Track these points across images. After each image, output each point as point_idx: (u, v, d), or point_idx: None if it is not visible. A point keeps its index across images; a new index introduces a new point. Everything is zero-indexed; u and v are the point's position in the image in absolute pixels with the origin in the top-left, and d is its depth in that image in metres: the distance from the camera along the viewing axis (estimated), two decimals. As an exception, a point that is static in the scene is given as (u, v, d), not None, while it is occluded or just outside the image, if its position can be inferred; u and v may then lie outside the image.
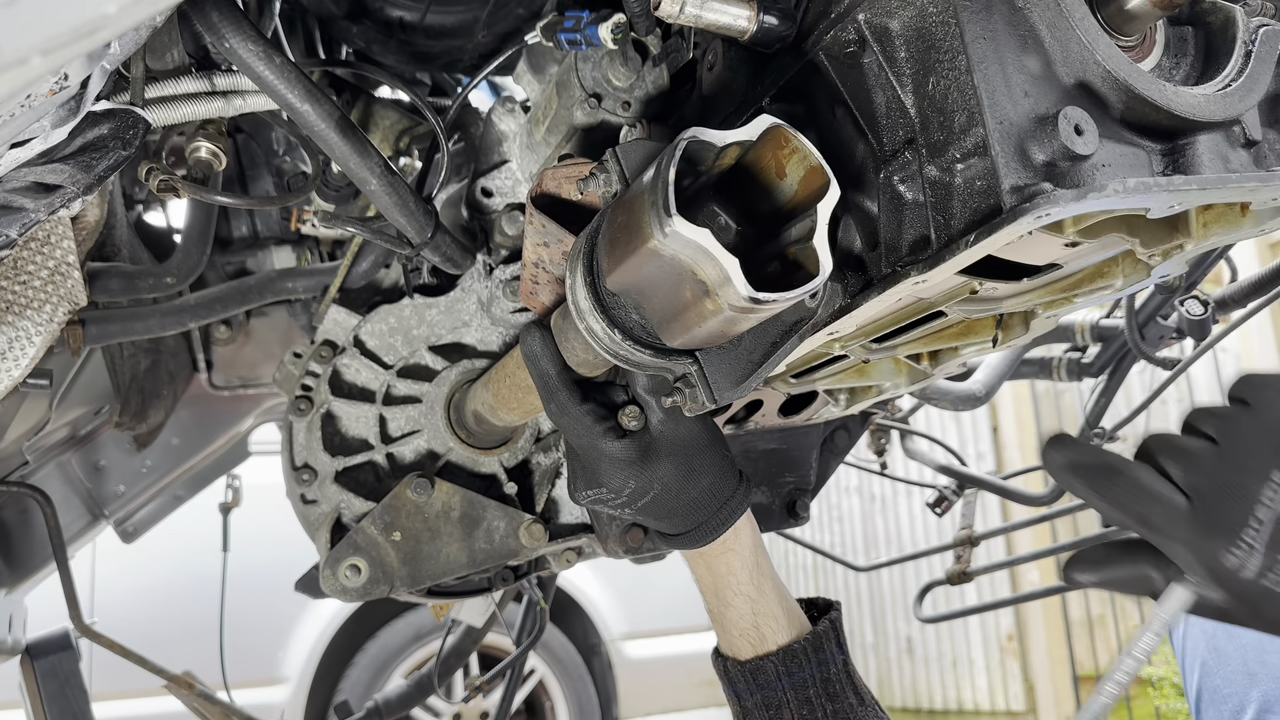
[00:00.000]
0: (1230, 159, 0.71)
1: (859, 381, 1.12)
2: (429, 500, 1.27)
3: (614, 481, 0.93)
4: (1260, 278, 1.87)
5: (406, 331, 1.36)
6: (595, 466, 0.93)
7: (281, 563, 2.81)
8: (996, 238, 0.64)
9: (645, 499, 0.93)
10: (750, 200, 0.72)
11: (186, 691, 2.19)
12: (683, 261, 0.62)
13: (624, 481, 0.92)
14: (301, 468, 1.30)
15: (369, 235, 1.24)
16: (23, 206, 0.98)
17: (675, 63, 1.09)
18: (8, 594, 2.18)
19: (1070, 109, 0.65)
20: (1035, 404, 6.29)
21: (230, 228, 2.06)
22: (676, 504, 0.94)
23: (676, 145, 0.63)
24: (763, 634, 1.01)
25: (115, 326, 1.57)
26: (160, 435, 2.22)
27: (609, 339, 0.76)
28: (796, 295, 0.63)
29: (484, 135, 1.36)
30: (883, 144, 0.76)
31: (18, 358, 1.36)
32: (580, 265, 0.76)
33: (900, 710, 7.34)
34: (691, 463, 0.93)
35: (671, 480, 0.92)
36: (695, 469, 0.93)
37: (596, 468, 0.93)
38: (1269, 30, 0.72)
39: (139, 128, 1.04)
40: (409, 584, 1.25)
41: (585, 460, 0.94)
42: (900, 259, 0.75)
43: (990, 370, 2.20)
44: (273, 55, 0.94)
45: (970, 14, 0.67)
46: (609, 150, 0.77)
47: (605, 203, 0.77)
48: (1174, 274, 0.81)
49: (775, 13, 0.80)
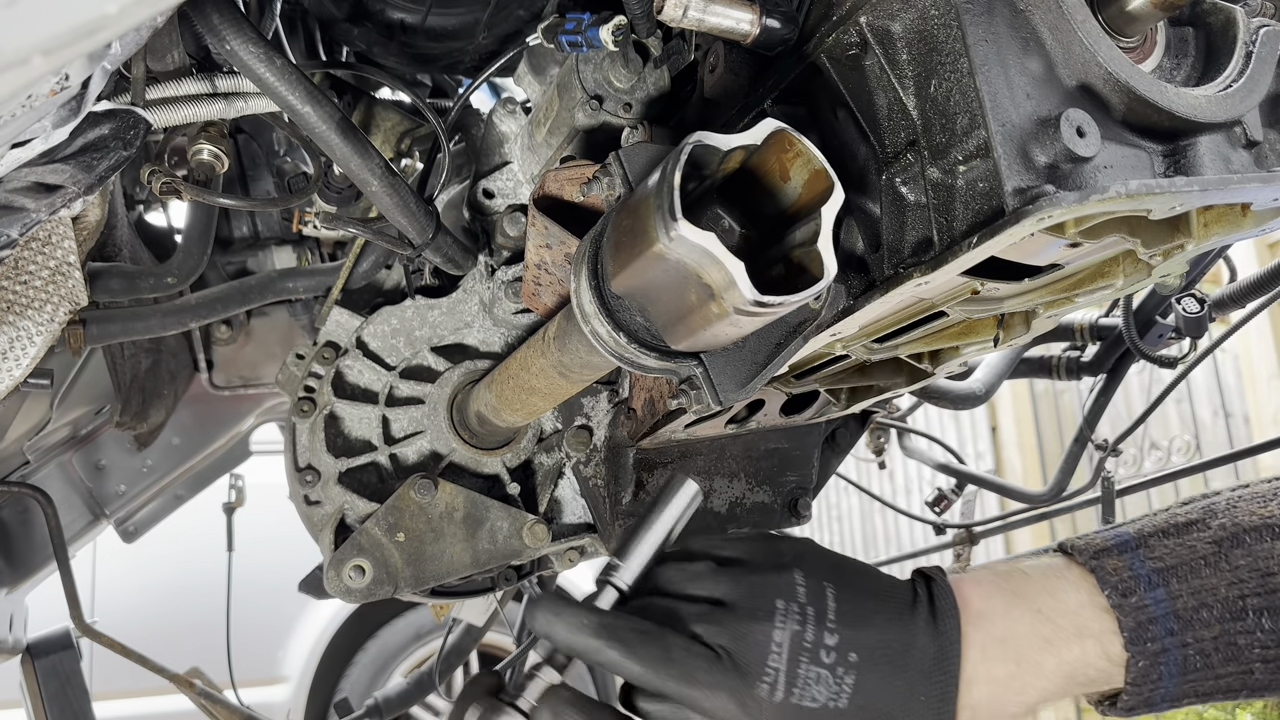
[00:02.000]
0: (1231, 160, 0.71)
1: (860, 381, 1.13)
2: (432, 501, 1.27)
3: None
4: (1259, 278, 1.87)
5: (409, 333, 1.37)
6: None
7: (282, 562, 2.82)
8: (999, 239, 0.64)
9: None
10: (754, 203, 0.72)
11: (189, 690, 2.20)
12: (688, 265, 0.62)
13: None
14: (305, 469, 1.30)
15: (370, 236, 1.25)
16: (24, 206, 0.98)
17: (677, 65, 1.09)
18: (8, 593, 2.18)
19: (1072, 111, 0.65)
20: (1034, 403, 6.29)
21: (231, 228, 2.06)
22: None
23: (682, 149, 0.63)
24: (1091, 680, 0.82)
25: (116, 326, 1.57)
26: (161, 435, 2.22)
27: (614, 342, 0.76)
28: (801, 298, 0.63)
29: (485, 137, 1.36)
30: (885, 146, 0.76)
31: (19, 357, 1.36)
32: (585, 268, 0.76)
33: (899, 708, 7.34)
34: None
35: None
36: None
37: None
38: (1269, 31, 0.73)
39: (140, 128, 1.05)
40: (413, 585, 1.25)
41: None
42: (903, 260, 0.75)
43: (990, 369, 2.20)
44: (273, 57, 0.94)
45: (972, 16, 0.67)
46: (611, 154, 0.77)
47: (609, 206, 0.78)
48: (1175, 274, 0.81)
49: (777, 15, 0.80)
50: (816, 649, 0.74)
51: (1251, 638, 0.77)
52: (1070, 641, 0.78)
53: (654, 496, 0.82)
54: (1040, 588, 0.81)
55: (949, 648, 0.76)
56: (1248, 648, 0.77)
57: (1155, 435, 5.37)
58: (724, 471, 1.36)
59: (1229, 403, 5.28)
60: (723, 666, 0.73)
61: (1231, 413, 5.27)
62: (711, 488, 1.36)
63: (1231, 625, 0.77)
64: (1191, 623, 0.78)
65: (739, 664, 0.73)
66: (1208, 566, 0.79)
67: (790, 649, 0.73)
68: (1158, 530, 0.83)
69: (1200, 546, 0.80)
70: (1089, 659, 0.78)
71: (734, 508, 1.37)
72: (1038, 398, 6.27)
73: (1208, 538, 0.81)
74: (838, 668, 0.74)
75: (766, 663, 0.73)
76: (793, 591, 0.76)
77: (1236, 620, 0.77)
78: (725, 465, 1.36)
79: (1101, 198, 0.61)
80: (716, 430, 1.24)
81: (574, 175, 0.85)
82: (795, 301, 0.63)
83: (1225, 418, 5.28)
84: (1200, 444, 5.29)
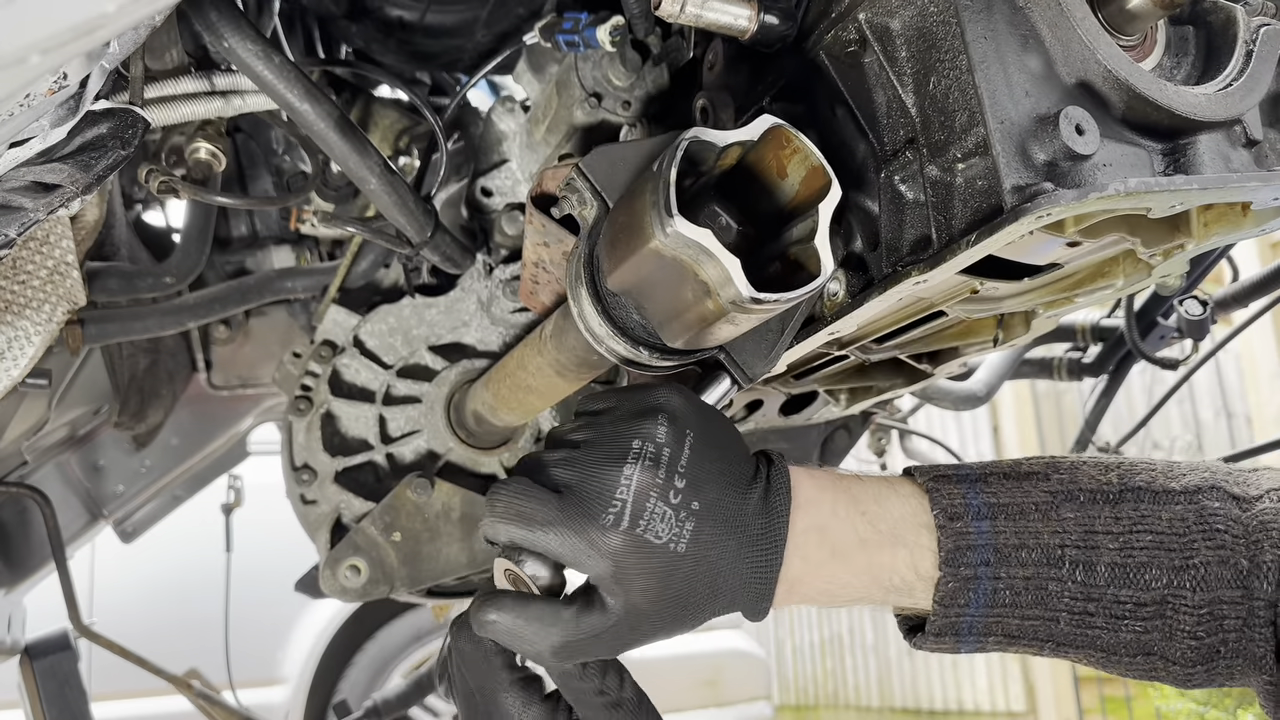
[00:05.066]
0: (1231, 159, 0.71)
1: (860, 382, 1.12)
2: (429, 500, 1.27)
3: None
4: (1261, 278, 1.87)
5: (406, 331, 1.36)
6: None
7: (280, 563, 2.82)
8: (998, 237, 0.64)
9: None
10: (751, 200, 0.72)
11: (187, 691, 2.19)
12: (684, 262, 0.62)
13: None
14: (301, 468, 1.30)
15: (368, 235, 1.24)
16: (22, 206, 0.98)
17: (676, 62, 1.09)
18: (7, 594, 2.18)
19: (1071, 109, 0.64)
20: (1036, 404, 6.29)
21: (229, 227, 2.05)
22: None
23: (678, 145, 0.63)
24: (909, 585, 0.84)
25: (114, 326, 1.57)
26: (159, 435, 2.22)
27: (610, 339, 0.76)
28: (798, 296, 0.63)
29: (484, 135, 1.36)
30: (884, 144, 0.76)
31: (16, 357, 1.35)
32: (581, 265, 0.76)
33: (900, 710, 7.35)
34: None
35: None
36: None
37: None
38: (1270, 30, 0.72)
39: (138, 127, 1.04)
40: (409, 584, 1.25)
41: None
42: (901, 259, 0.75)
43: (991, 370, 2.19)
44: (271, 54, 0.93)
45: (971, 13, 0.67)
46: (572, 166, 0.77)
47: (583, 221, 0.77)
48: (1175, 274, 0.81)
49: (776, 12, 0.80)
50: (666, 490, 0.75)
51: (1063, 586, 0.80)
52: (884, 546, 0.81)
53: (689, 387, 0.82)
54: (870, 494, 0.84)
55: (777, 521, 0.79)
56: (1058, 595, 0.80)
57: (1157, 435, 5.37)
58: (723, 472, 1.35)
59: (1231, 403, 5.27)
60: (563, 503, 0.75)
61: (1233, 413, 5.26)
62: (710, 488, 1.35)
63: (1046, 570, 0.80)
64: (1008, 559, 0.80)
65: (582, 499, 0.74)
66: (1037, 512, 0.82)
67: (639, 484, 0.74)
68: (999, 473, 0.85)
69: (1035, 494, 0.83)
70: (897, 567, 0.81)
71: (733, 508, 1.36)
72: (1040, 399, 6.27)
73: (1045, 488, 0.83)
74: (681, 511, 0.75)
75: (614, 495, 0.74)
76: (653, 434, 0.77)
77: (1053, 567, 0.80)
78: (724, 465, 1.35)
79: (1101, 195, 0.61)
80: (715, 430, 1.24)
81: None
82: (791, 299, 0.63)
83: (1227, 418, 5.28)
84: (1202, 444, 5.29)
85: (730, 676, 4.69)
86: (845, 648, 7.97)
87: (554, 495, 0.75)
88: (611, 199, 0.75)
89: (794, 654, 8.57)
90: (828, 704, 8.11)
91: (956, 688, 6.84)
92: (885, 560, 0.81)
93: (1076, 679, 6.00)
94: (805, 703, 8.39)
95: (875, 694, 7.61)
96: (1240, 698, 3.37)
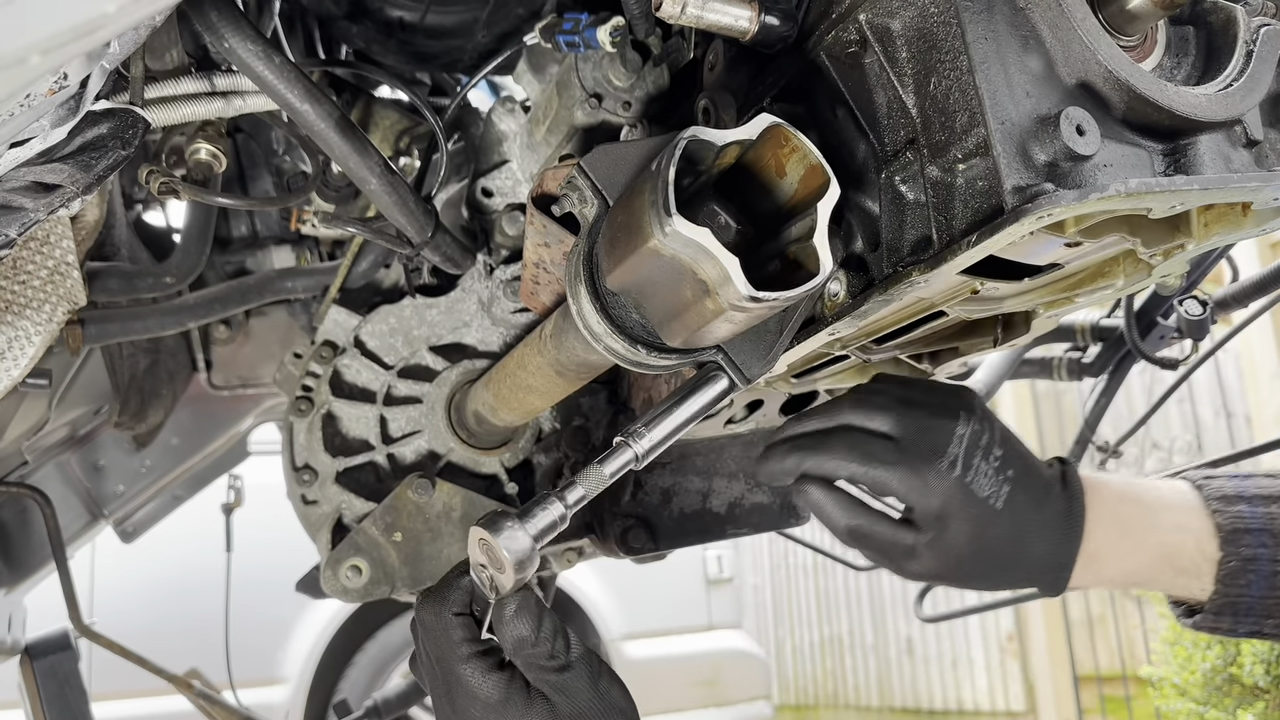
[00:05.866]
0: (1232, 159, 0.71)
1: (860, 381, 1.12)
2: (430, 501, 1.27)
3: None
4: (1261, 278, 1.87)
5: (407, 332, 1.36)
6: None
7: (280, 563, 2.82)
8: (998, 238, 0.64)
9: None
10: (750, 199, 0.72)
11: (187, 691, 2.19)
12: (683, 261, 0.62)
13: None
14: (302, 468, 1.30)
15: (369, 235, 1.24)
16: (22, 206, 0.98)
17: (676, 63, 1.09)
18: (7, 594, 2.18)
19: (1072, 109, 0.64)
20: (1036, 404, 6.29)
21: (229, 227, 2.05)
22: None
23: (676, 144, 0.63)
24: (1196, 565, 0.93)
25: (115, 326, 1.57)
26: (159, 435, 2.22)
27: (608, 337, 0.76)
28: (797, 294, 0.63)
29: (484, 135, 1.36)
30: (884, 144, 0.76)
31: (17, 357, 1.35)
32: (580, 265, 0.76)
33: (900, 710, 7.35)
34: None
35: None
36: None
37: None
38: (1270, 30, 0.72)
39: (138, 127, 1.04)
40: (410, 585, 1.25)
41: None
42: (902, 259, 0.75)
43: (990, 370, 2.19)
44: (272, 55, 0.93)
45: (972, 14, 0.67)
46: (574, 165, 0.77)
47: (583, 220, 0.77)
48: (1175, 274, 0.81)
49: (776, 13, 0.80)
50: (989, 450, 0.87)
51: None
52: (1170, 531, 0.90)
53: (687, 384, 0.83)
54: (1149, 488, 0.94)
55: (1076, 505, 0.89)
56: None
57: (1157, 435, 5.37)
58: (723, 471, 1.36)
59: (1230, 402, 5.27)
60: (902, 448, 0.86)
61: (1233, 412, 5.26)
62: (711, 488, 1.36)
63: None
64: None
65: (921, 448, 0.86)
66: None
67: (969, 442, 0.86)
68: (1258, 474, 0.95)
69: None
70: (1185, 549, 0.89)
71: (733, 508, 1.37)
72: (1040, 398, 6.27)
73: None
74: (1000, 474, 0.87)
75: (948, 448, 0.86)
76: (972, 409, 0.89)
77: None
78: (724, 465, 1.35)
79: (1101, 196, 0.61)
80: (716, 430, 1.24)
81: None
82: (790, 298, 0.63)
83: (1227, 417, 5.28)
84: (1202, 444, 5.28)
85: (730, 676, 4.70)
86: (845, 648, 7.97)
87: (893, 441, 0.87)
88: (612, 197, 0.75)
89: (794, 654, 8.57)
90: (827, 704, 8.12)
91: (956, 688, 6.84)
92: (1174, 540, 0.90)
93: (1076, 679, 6.00)
94: (805, 702, 8.39)
95: (875, 694, 7.61)
96: (1240, 697, 3.37)
